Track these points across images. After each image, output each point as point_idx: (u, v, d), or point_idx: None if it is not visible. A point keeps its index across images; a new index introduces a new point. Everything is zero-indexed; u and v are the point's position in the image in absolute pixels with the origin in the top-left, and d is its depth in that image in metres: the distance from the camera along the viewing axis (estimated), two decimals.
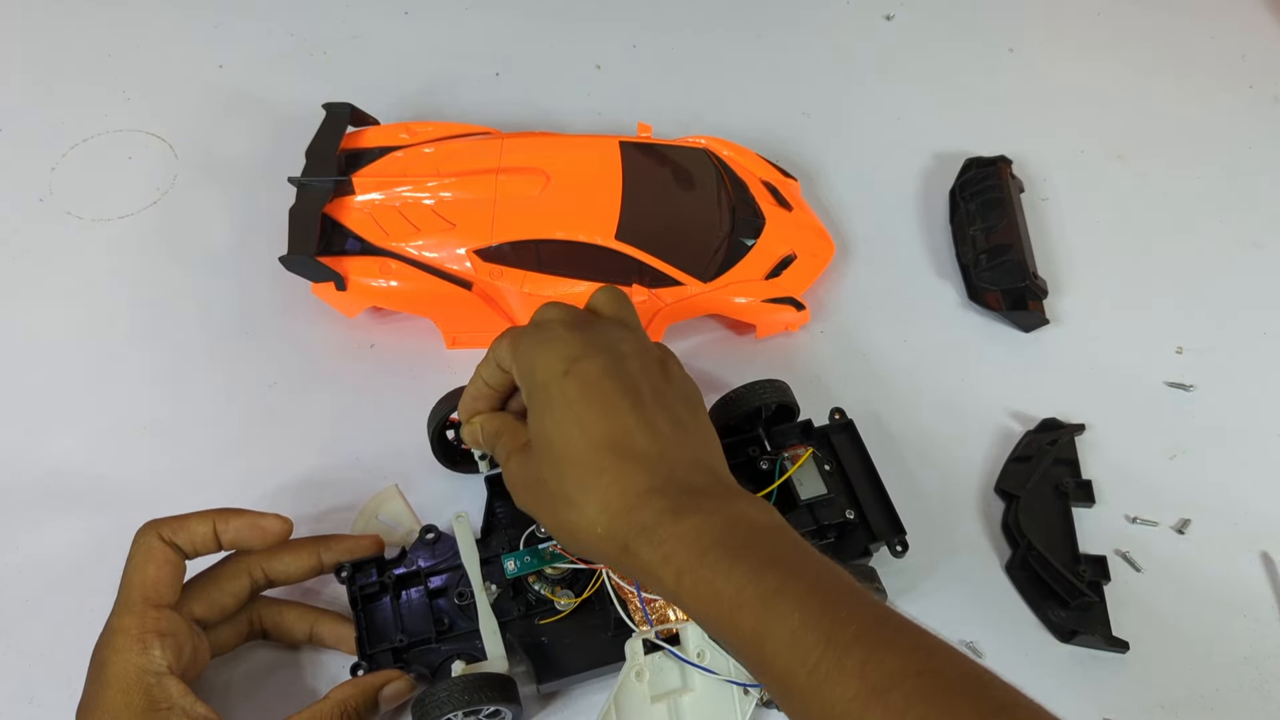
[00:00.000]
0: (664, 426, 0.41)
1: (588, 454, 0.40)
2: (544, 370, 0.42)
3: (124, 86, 0.76)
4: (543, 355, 0.42)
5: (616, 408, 0.40)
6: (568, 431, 0.40)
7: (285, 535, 0.47)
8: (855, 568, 0.51)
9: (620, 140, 0.63)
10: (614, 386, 0.41)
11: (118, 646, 0.43)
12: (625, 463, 0.39)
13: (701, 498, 0.39)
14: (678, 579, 0.37)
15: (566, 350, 0.42)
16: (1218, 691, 0.53)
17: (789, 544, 0.38)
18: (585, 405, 0.40)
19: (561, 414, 0.41)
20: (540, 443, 0.41)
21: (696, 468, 0.41)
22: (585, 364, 0.41)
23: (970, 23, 0.86)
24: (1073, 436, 0.61)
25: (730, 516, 0.38)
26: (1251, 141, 0.78)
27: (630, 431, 0.40)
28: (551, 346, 0.42)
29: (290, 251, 0.58)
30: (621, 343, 0.43)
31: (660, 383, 0.43)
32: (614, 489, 0.39)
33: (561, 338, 0.42)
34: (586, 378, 0.41)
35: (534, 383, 0.42)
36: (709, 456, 0.42)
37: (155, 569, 0.45)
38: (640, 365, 0.43)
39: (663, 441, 0.40)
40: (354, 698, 0.46)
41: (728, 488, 0.41)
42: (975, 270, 0.67)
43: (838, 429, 0.57)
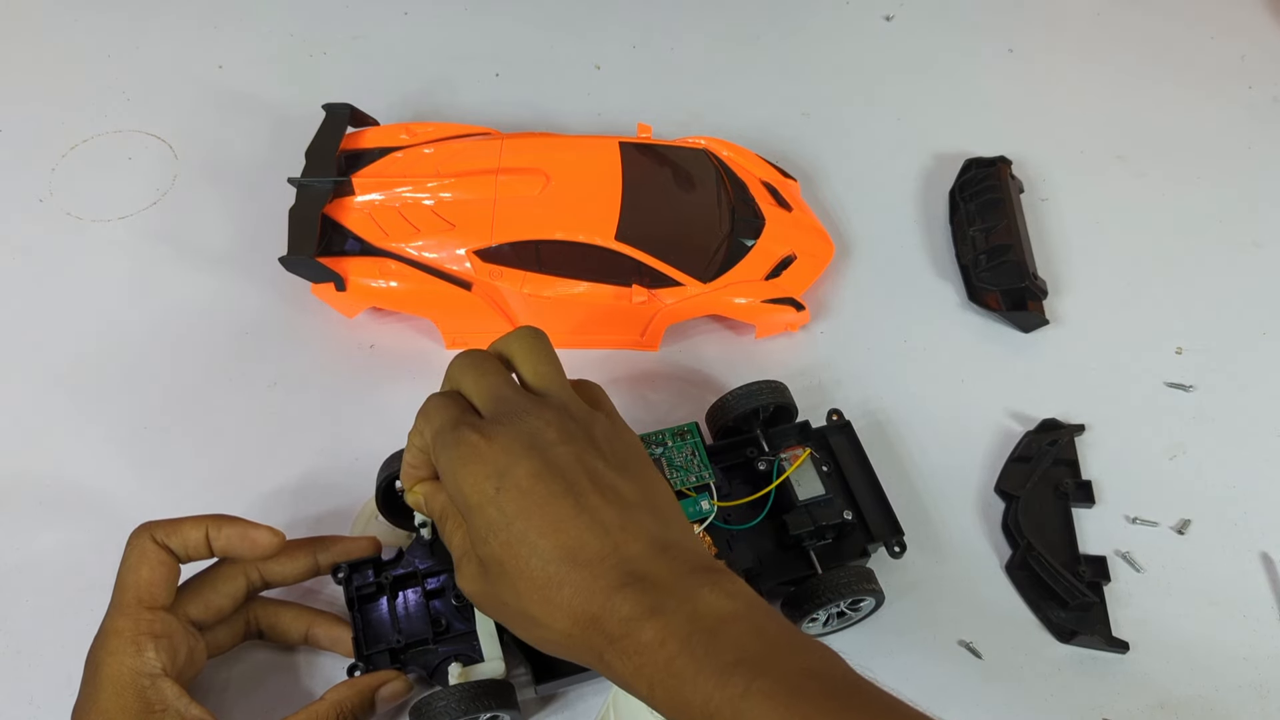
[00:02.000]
0: (610, 516, 0.39)
1: (542, 571, 0.37)
2: (474, 493, 0.39)
3: (124, 86, 0.76)
4: (467, 477, 0.39)
5: (559, 514, 0.38)
6: (517, 552, 0.38)
7: (275, 549, 0.47)
8: (853, 569, 0.51)
9: (620, 140, 0.63)
10: (549, 490, 0.38)
11: (112, 648, 0.43)
12: (581, 571, 0.37)
13: (662, 595, 0.37)
14: (650, 691, 0.36)
15: (490, 467, 0.39)
16: (1218, 691, 0.53)
17: (759, 632, 0.36)
18: (526, 520, 0.38)
19: (505, 535, 0.38)
20: (492, 565, 0.39)
21: (655, 553, 0.38)
22: (514, 474, 0.38)
23: (970, 23, 0.86)
24: (1073, 437, 0.61)
25: (692, 613, 0.36)
26: (1251, 142, 0.78)
27: (579, 535, 0.38)
28: (472, 465, 0.39)
29: (290, 252, 0.58)
30: (544, 430, 0.40)
31: (594, 462, 0.40)
32: (576, 601, 0.37)
33: (479, 452, 0.39)
34: (519, 489, 0.38)
35: (467, 506, 0.39)
36: (662, 529, 0.40)
37: (149, 571, 0.45)
38: (569, 451, 0.40)
39: (613, 535, 0.38)
40: (350, 698, 0.46)
41: (692, 568, 0.38)
42: (975, 270, 0.67)
43: (835, 430, 0.57)
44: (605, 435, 0.42)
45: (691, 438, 0.55)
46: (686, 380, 0.63)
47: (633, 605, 0.36)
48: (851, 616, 0.53)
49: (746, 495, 0.53)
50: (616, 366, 0.63)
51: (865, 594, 0.50)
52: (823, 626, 0.52)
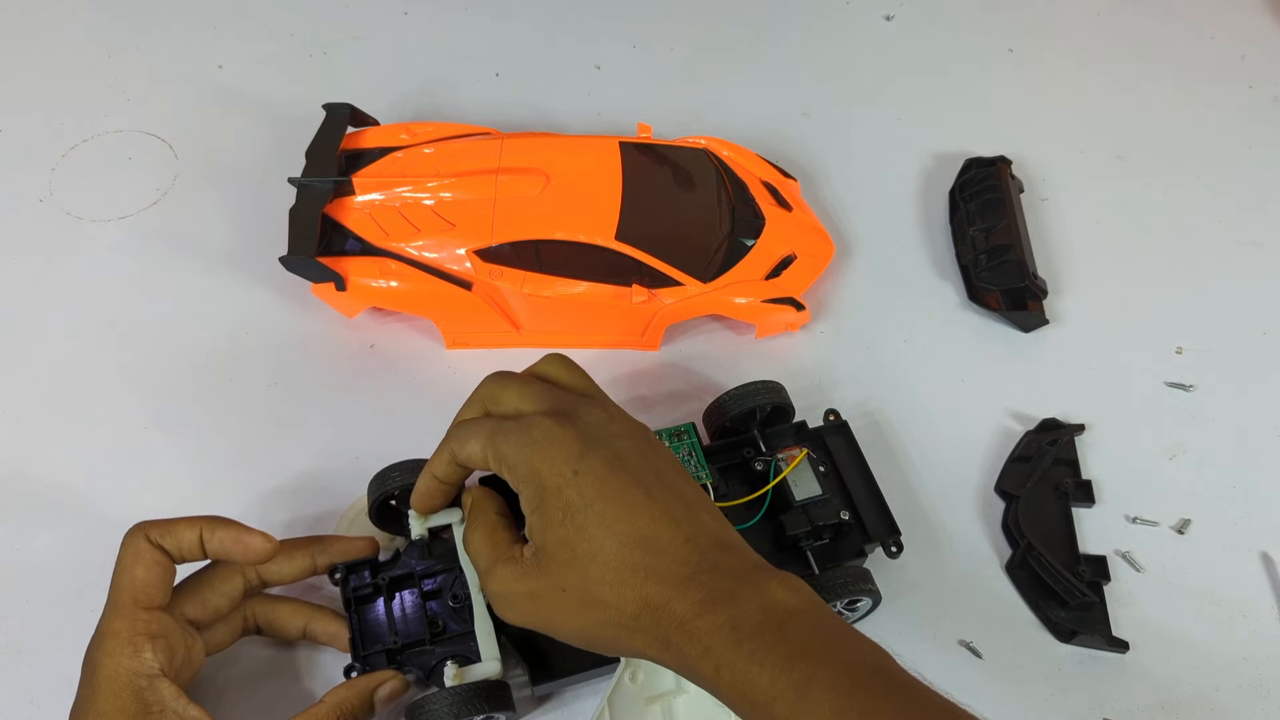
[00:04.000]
0: (679, 511, 0.40)
1: (618, 554, 0.39)
2: (551, 474, 0.40)
3: (124, 86, 0.76)
4: (544, 457, 0.40)
5: (634, 502, 0.39)
6: (592, 535, 0.39)
7: (268, 555, 0.47)
8: (850, 569, 0.51)
9: (620, 140, 0.63)
10: (624, 480, 0.40)
11: (108, 649, 0.43)
12: (656, 557, 0.39)
13: (734, 583, 0.38)
14: (716, 672, 0.37)
15: (566, 449, 0.40)
16: (1218, 691, 0.53)
17: (821, 627, 0.38)
18: (605, 503, 0.39)
19: (583, 518, 0.39)
20: (558, 549, 0.40)
21: (721, 548, 0.40)
22: (591, 460, 0.40)
23: (970, 23, 0.86)
24: (1073, 436, 0.61)
25: (764, 603, 0.38)
26: (1251, 141, 0.78)
27: (654, 524, 0.39)
28: (549, 447, 0.40)
29: (290, 252, 0.58)
30: (609, 425, 0.42)
31: (657, 461, 0.42)
32: (650, 585, 0.38)
33: (555, 435, 0.41)
34: (596, 474, 0.40)
35: (542, 488, 0.40)
36: (721, 530, 0.41)
37: (144, 571, 0.44)
38: (633, 446, 0.42)
39: (685, 527, 0.40)
40: (349, 700, 0.46)
41: (755, 565, 0.40)
42: (975, 270, 0.67)
43: (832, 430, 0.57)
44: (653, 440, 0.44)
45: (689, 438, 0.55)
46: (686, 380, 0.63)
47: (707, 591, 0.38)
48: (849, 616, 0.53)
49: (744, 495, 0.53)
50: (616, 366, 0.63)
51: (862, 594, 0.50)
52: None
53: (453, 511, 0.51)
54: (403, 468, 0.50)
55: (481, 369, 0.63)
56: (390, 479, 0.50)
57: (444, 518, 0.50)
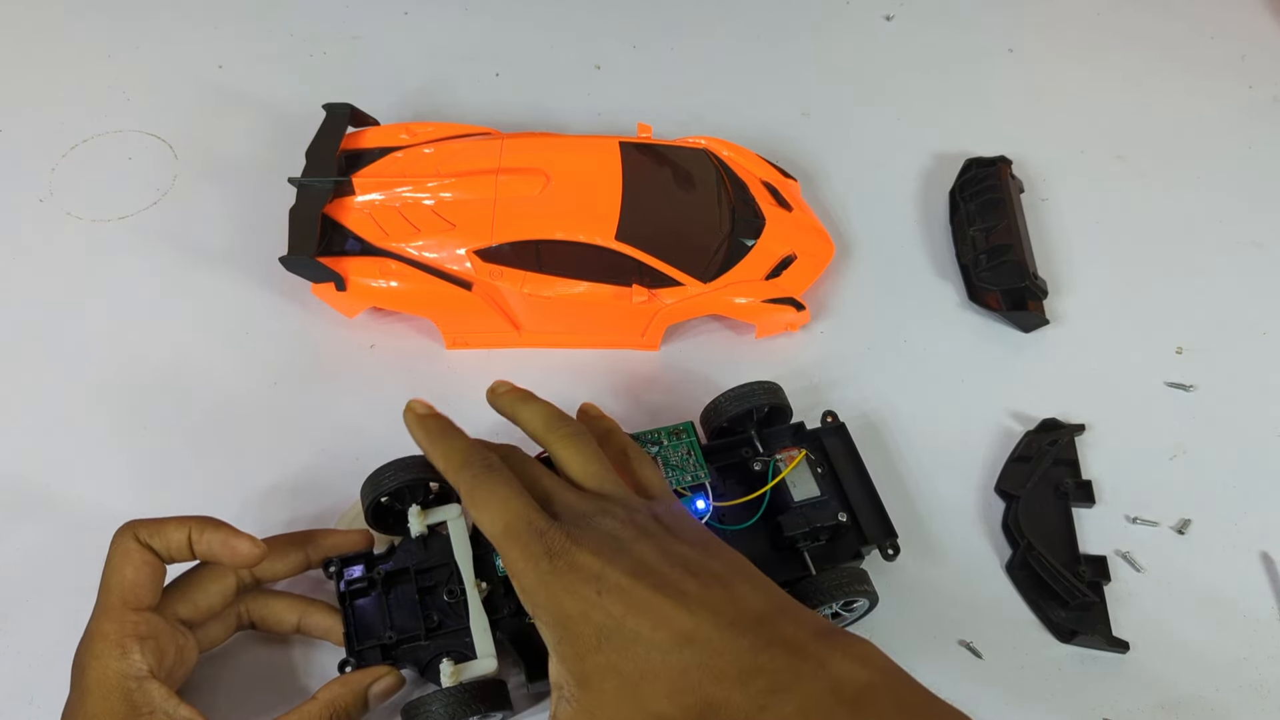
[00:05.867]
0: (716, 596, 0.38)
1: (663, 663, 0.37)
2: (576, 602, 0.38)
3: (124, 86, 0.76)
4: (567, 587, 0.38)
5: (664, 607, 0.37)
6: (634, 651, 0.37)
7: (256, 560, 0.46)
8: (847, 570, 0.50)
9: (620, 140, 0.63)
10: (648, 585, 0.38)
11: (97, 651, 0.43)
12: (704, 652, 0.37)
13: (797, 661, 0.36)
14: None
15: (585, 572, 0.38)
16: (1218, 691, 0.53)
17: (900, 702, 0.36)
18: (637, 617, 0.37)
19: (619, 638, 0.37)
20: (602, 678, 0.37)
21: (771, 622, 0.38)
22: (610, 576, 0.38)
23: (970, 23, 0.86)
24: (1073, 436, 0.61)
25: (833, 682, 0.35)
26: (1251, 141, 0.78)
27: (693, 618, 0.37)
28: (570, 575, 0.38)
29: (290, 252, 0.58)
30: (620, 530, 0.40)
31: (677, 548, 0.40)
32: (707, 683, 0.36)
33: (574, 561, 0.39)
34: (620, 589, 0.38)
35: (567, 618, 0.38)
36: (767, 596, 0.39)
37: (133, 571, 0.44)
38: (650, 545, 0.40)
39: (727, 611, 0.38)
40: (343, 696, 0.45)
41: (816, 632, 0.38)
42: (975, 270, 0.67)
43: (830, 431, 0.57)
44: (672, 521, 0.42)
45: (687, 437, 0.55)
46: (687, 380, 0.63)
47: (767, 677, 0.36)
48: (846, 617, 0.53)
49: (741, 496, 0.53)
50: (617, 366, 0.63)
51: (858, 595, 0.50)
52: None
53: (450, 508, 0.51)
54: (395, 466, 0.50)
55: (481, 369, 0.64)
56: (384, 480, 0.50)
57: (443, 514, 0.50)
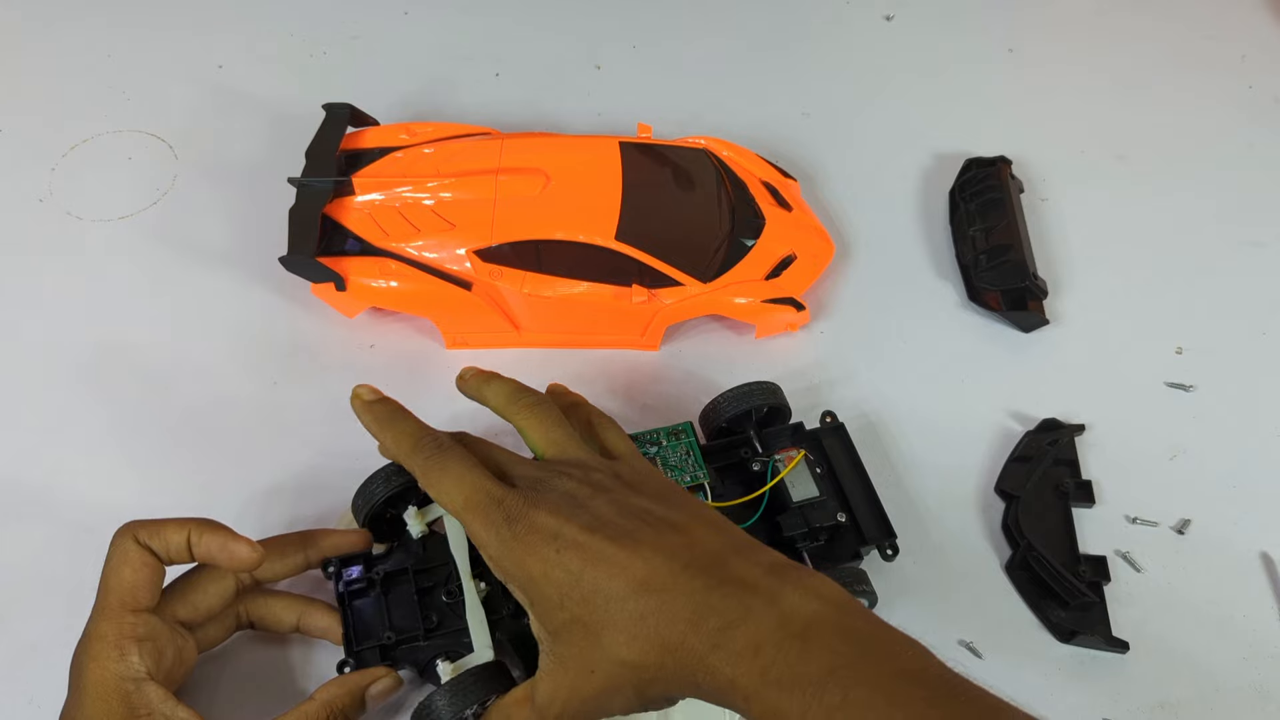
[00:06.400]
0: (671, 540, 0.39)
1: (622, 611, 0.38)
2: (537, 561, 0.39)
3: (124, 86, 0.76)
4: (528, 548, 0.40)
5: (620, 557, 0.38)
6: (594, 603, 0.38)
7: (254, 565, 0.46)
8: (846, 570, 0.50)
9: (620, 140, 0.63)
10: (604, 537, 0.39)
11: (94, 653, 0.42)
12: (660, 596, 0.37)
13: (747, 596, 0.37)
14: (748, 703, 0.35)
15: (544, 533, 0.40)
16: (1218, 691, 0.53)
17: (849, 634, 0.36)
18: (594, 569, 0.38)
19: (578, 591, 0.38)
20: (569, 631, 0.39)
21: (724, 560, 0.39)
22: (567, 533, 0.39)
23: (970, 23, 0.86)
24: (1073, 436, 0.61)
25: (780, 617, 0.36)
26: (1251, 142, 0.78)
27: (646, 564, 0.38)
28: (530, 536, 0.40)
29: (290, 252, 0.58)
30: (576, 489, 0.41)
31: (633, 500, 0.41)
32: (663, 627, 0.37)
33: (533, 523, 0.40)
34: (577, 544, 0.39)
35: (530, 579, 0.40)
36: (724, 538, 0.40)
37: (131, 573, 0.44)
38: (606, 500, 0.41)
39: (681, 555, 0.38)
40: (340, 697, 0.45)
41: (769, 567, 0.38)
42: (975, 270, 0.67)
43: (829, 432, 0.57)
44: (632, 477, 0.43)
45: (686, 437, 0.55)
46: (687, 380, 0.63)
47: (719, 615, 0.36)
48: None
49: (740, 496, 0.53)
50: (616, 366, 0.63)
51: (857, 595, 0.50)
52: None
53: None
54: (382, 474, 0.50)
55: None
56: (374, 490, 0.50)
57: (440, 510, 0.50)
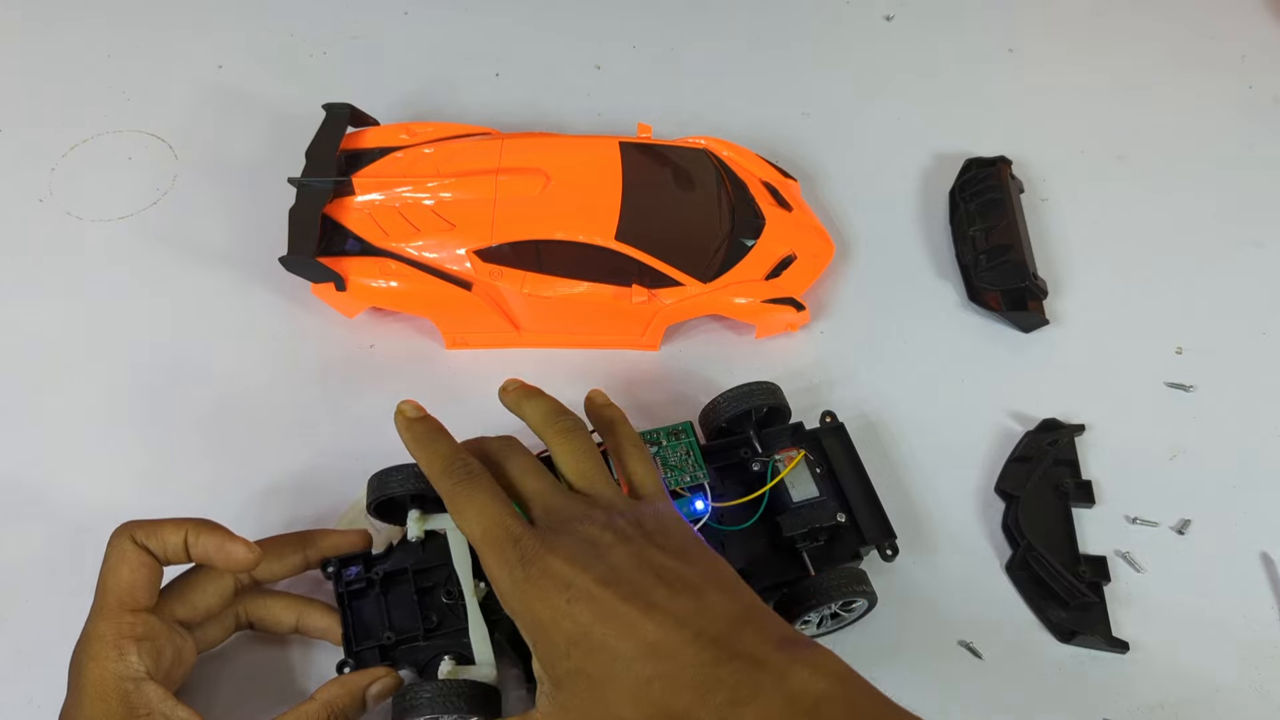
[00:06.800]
0: (683, 606, 0.39)
1: (628, 672, 0.37)
2: (546, 609, 0.39)
3: (124, 86, 0.76)
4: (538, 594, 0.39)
5: (632, 616, 0.38)
6: (599, 659, 0.38)
7: (251, 565, 0.46)
8: (845, 571, 0.50)
9: (620, 140, 0.63)
10: (618, 593, 0.38)
11: (93, 653, 0.43)
12: (667, 663, 0.37)
13: (755, 673, 0.37)
14: None
15: (557, 580, 0.39)
16: (1218, 692, 0.53)
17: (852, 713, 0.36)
18: (604, 625, 0.38)
19: (586, 644, 0.38)
20: (576, 681, 0.38)
21: (735, 631, 0.38)
22: (581, 583, 0.39)
23: (970, 23, 0.86)
24: (1073, 437, 0.61)
25: (789, 696, 0.36)
26: (1251, 142, 0.78)
27: (657, 631, 0.38)
28: (542, 581, 0.39)
29: (290, 252, 0.58)
30: (599, 535, 0.41)
31: (653, 555, 0.40)
32: (668, 695, 0.37)
33: (547, 568, 0.39)
34: (590, 596, 0.38)
35: (538, 625, 0.39)
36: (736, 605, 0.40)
37: (129, 572, 0.44)
38: (627, 551, 0.40)
39: (693, 623, 0.38)
40: (341, 697, 0.45)
41: (779, 642, 0.38)
42: (975, 270, 0.67)
43: (829, 432, 0.57)
44: (655, 525, 0.42)
45: (686, 437, 0.55)
46: (686, 380, 0.63)
47: (727, 691, 0.36)
48: (845, 618, 0.53)
49: (740, 496, 0.53)
50: (616, 366, 0.63)
51: (857, 595, 0.50)
52: (816, 628, 0.52)
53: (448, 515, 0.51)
54: (402, 471, 0.50)
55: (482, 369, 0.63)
56: (390, 483, 0.50)
57: (443, 521, 0.50)
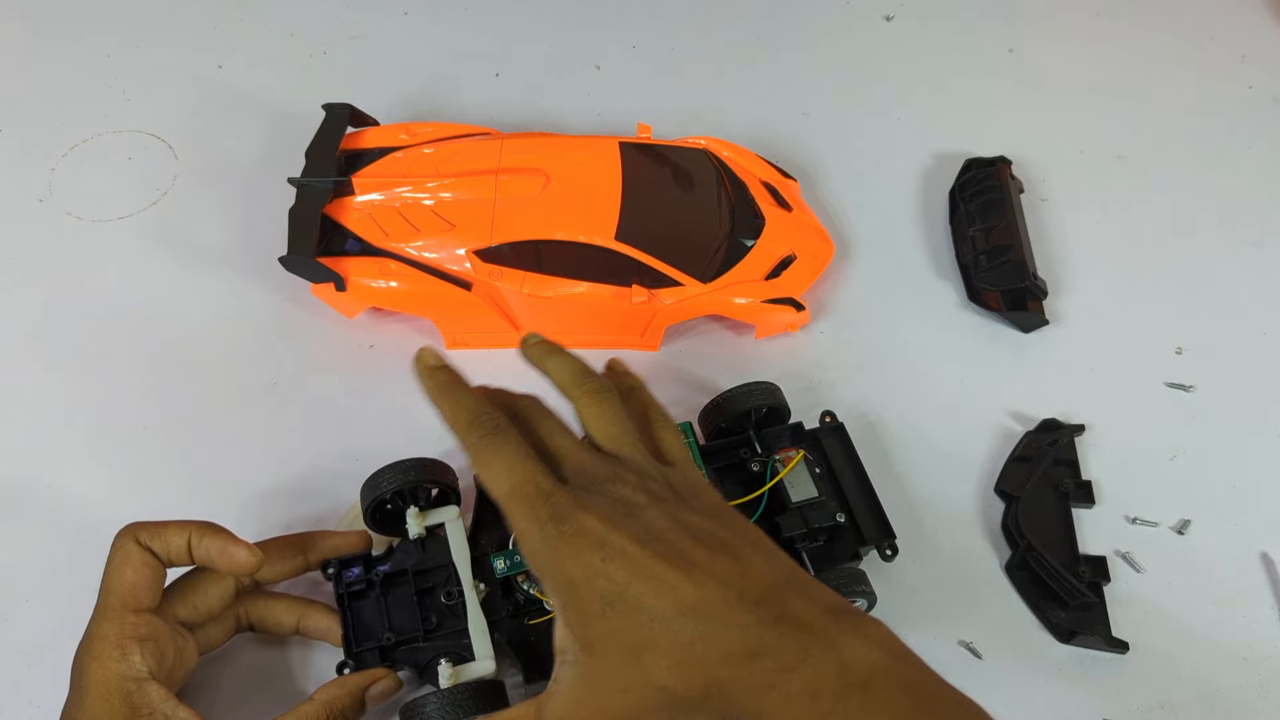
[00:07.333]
0: (724, 566, 0.37)
1: (667, 633, 0.36)
2: (580, 567, 0.37)
3: (124, 86, 0.76)
4: (572, 552, 0.37)
5: (670, 576, 0.36)
6: (637, 619, 0.36)
7: (253, 569, 0.46)
8: (845, 571, 0.50)
9: (620, 140, 0.63)
10: (655, 552, 0.37)
11: (96, 653, 0.43)
12: (711, 624, 0.35)
13: (805, 638, 0.35)
14: None
15: (591, 538, 0.37)
16: (1218, 691, 0.53)
17: (910, 688, 0.35)
18: (642, 584, 0.36)
19: (622, 604, 0.36)
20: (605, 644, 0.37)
21: (781, 595, 0.37)
22: (617, 542, 0.37)
23: (970, 23, 0.86)
24: (1073, 437, 0.61)
25: (841, 664, 0.35)
26: (1251, 142, 0.78)
27: (699, 590, 0.36)
28: (576, 540, 0.37)
29: (290, 252, 0.58)
30: (632, 495, 0.39)
31: (688, 517, 0.39)
32: (712, 656, 0.35)
33: (581, 526, 0.37)
34: (625, 555, 0.37)
35: (571, 584, 0.37)
36: (778, 569, 0.38)
37: (133, 573, 0.44)
38: (661, 512, 0.38)
39: (734, 583, 0.36)
40: (340, 698, 0.45)
41: (826, 609, 0.37)
42: (975, 271, 0.67)
43: (829, 432, 0.57)
44: (687, 490, 0.41)
45: (685, 437, 0.55)
46: (686, 380, 0.63)
47: (775, 657, 0.35)
48: None
49: (739, 496, 0.53)
50: None
51: (856, 595, 0.50)
52: None
53: (449, 510, 0.51)
54: (393, 469, 0.50)
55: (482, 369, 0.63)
56: (382, 482, 0.50)
57: (441, 516, 0.50)
